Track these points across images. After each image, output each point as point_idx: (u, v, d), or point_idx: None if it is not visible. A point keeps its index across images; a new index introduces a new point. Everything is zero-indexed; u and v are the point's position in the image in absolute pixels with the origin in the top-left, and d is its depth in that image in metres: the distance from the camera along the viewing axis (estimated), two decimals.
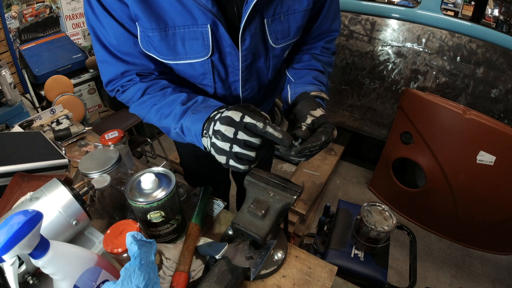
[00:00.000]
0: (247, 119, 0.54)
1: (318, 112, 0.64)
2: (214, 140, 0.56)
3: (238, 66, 0.70)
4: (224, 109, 0.58)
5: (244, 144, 0.55)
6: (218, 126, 0.55)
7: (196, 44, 0.64)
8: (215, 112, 0.60)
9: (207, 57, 0.66)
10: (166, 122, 0.67)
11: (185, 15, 0.60)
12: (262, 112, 0.60)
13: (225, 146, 0.56)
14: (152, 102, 0.69)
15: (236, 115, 0.55)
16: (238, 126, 0.55)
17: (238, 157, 0.56)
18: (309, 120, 0.62)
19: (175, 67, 0.70)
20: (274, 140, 0.55)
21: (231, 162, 0.57)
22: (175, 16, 0.60)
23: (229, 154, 0.56)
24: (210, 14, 0.59)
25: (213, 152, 0.58)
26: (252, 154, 0.56)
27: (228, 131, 0.55)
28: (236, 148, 0.55)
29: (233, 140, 0.55)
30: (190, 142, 0.66)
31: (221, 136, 0.55)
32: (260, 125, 0.54)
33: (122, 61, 0.68)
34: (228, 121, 0.55)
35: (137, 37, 0.64)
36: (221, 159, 0.57)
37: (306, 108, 0.64)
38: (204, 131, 0.60)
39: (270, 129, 0.54)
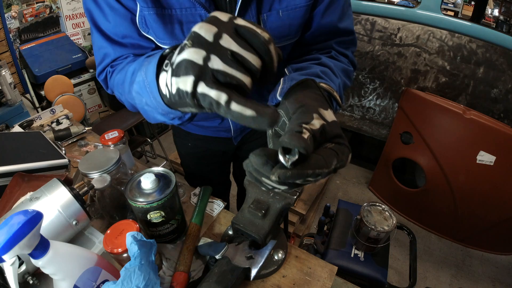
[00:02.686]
0: (240, 21, 0.34)
1: (330, 115, 0.41)
2: (180, 55, 0.34)
3: None
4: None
5: (233, 57, 0.33)
6: (188, 38, 0.34)
7: None
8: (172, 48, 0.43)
9: None
10: (131, 89, 0.51)
11: None
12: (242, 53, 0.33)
13: (188, 82, 0.33)
14: (128, 66, 0.56)
15: (223, 15, 0.35)
16: (226, 27, 0.34)
17: (217, 78, 0.33)
18: (316, 123, 0.38)
19: None
20: (242, 123, 0.33)
21: (201, 88, 0.32)
22: None
23: (202, 71, 0.32)
24: (199, 6, 0.55)
25: (174, 84, 0.35)
26: (245, 79, 0.33)
27: (196, 53, 0.33)
28: (215, 61, 0.33)
29: (214, 46, 0.33)
30: (150, 106, 0.46)
31: (193, 40, 0.33)
32: (223, 99, 0.31)
33: (119, 45, 0.63)
34: (195, 38, 0.33)
35: (135, 15, 0.60)
36: (185, 84, 0.33)
37: (312, 101, 0.42)
38: (165, 63, 0.39)
39: (235, 106, 0.31)
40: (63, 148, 1.04)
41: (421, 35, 1.83)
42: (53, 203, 0.61)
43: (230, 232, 0.75)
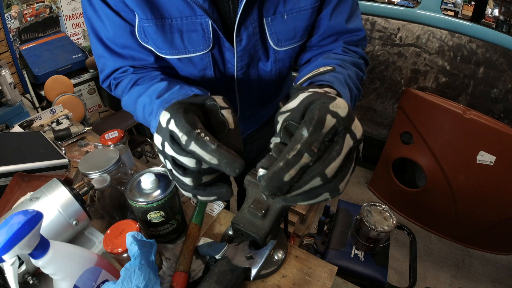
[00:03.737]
0: (171, 126, 0.37)
1: (297, 101, 0.37)
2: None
3: (234, 63, 0.66)
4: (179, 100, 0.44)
5: (174, 163, 0.39)
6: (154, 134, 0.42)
7: (195, 36, 0.60)
8: None
9: (207, 50, 0.62)
10: (150, 120, 0.55)
11: (182, 5, 0.56)
12: (224, 110, 0.40)
13: (162, 158, 0.41)
14: (138, 93, 0.59)
15: (163, 118, 0.39)
16: (164, 134, 0.39)
17: (173, 177, 0.42)
18: (277, 127, 0.38)
19: (174, 62, 0.66)
20: (211, 165, 0.36)
21: (176, 182, 0.42)
22: (171, 7, 0.56)
23: (168, 171, 0.41)
24: (201, 10, 0.55)
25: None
26: (186, 180, 0.39)
27: (156, 140, 0.40)
28: (168, 165, 0.40)
29: (163, 154, 0.40)
30: None
31: (155, 146, 0.41)
32: (183, 137, 0.35)
33: (119, 56, 0.64)
34: (158, 126, 0.40)
35: (134, 27, 0.60)
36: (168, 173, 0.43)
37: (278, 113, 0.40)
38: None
39: (195, 147, 0.35)
40: (63, 148, 1.04)
41: (421, 35, 1.83)
42: (53, 203, 0.61)
43: (230, 232, 0.75)
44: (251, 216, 0.67)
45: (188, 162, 0.37)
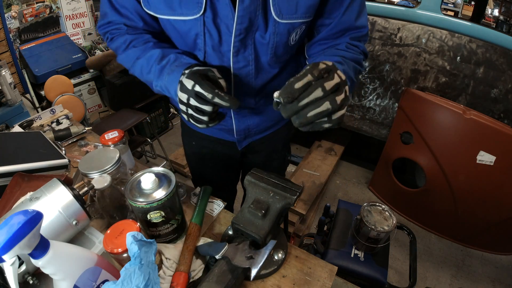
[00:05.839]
0: (197, 88, 0.60)
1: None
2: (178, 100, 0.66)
3: (232, 29, 0.66)
4: (189, 70, 0.64)
5: (196, 109, 0.63)
6: (177, 91, 0.65)
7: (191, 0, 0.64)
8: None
9: (199, 15, 0.64)
10: (148, 78, 0.74)
11: None
12: (220, 79, 0.65)
13: (183, 107, 0.65)
14: (135, 55, 0.75)
15: (188, 83, 0.61)
16: (190, 93, 0.61)
17: (194, 117, 0.65)
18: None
19: (169, 24, 0.72)
20: (224, 107, 0.61)
21: (191, 121, 0.67)
22: None
23: (187, 115, 0.66)
24: None
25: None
26: (204, 118, 0.64)
27: (182, 96, 0.63)
28: (190, 111, 0.64)
29: (187, 105, 0.63)
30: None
31: (179, 99, 0.65)
32: (208, 96, 0.59)
33: (116, 12, 0.76)
34: (182, 88, 0.63)
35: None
36: (184, 116, 0.67)
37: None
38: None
39: (217, 100, 0.59)
40: (63, 148, 1.04)
41: (421, 35, 1.83)
42: (53, 203, 0.61)
43: (230, 232, 0.75)
44: (251, 216, 0.67)
45: (208, 108, 0.61)
